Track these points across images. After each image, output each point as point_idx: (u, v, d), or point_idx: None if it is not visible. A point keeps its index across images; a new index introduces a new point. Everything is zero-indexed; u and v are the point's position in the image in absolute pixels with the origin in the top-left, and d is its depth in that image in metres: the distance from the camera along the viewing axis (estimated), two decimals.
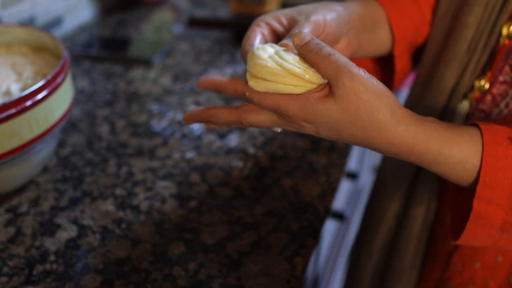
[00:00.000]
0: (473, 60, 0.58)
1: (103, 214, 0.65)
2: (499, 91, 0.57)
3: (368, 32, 0.61)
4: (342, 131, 0.48)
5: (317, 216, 0.65)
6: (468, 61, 0.59)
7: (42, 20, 1.09)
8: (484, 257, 0.62)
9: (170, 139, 0.79)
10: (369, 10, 0.61)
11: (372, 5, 0.62)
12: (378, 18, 0.62)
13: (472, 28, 0.58)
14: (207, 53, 1.08)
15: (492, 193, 0.46)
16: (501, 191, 0.46)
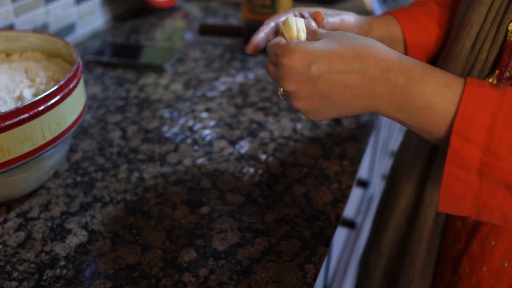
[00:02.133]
0: (480, 59, 0.59)
1: (113, 220, 0.65)
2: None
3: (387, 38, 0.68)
4: (332, 54, 0.48)
5: (328, 223, 0.65)
6: (475, 59, 0.59)
7: (55, 27, 1.10)
8: (490, 261, 0.62)
9: (181, 145, 0.79)
10: (388, 28, 0.67)
11: (391, 23, 0.68)
12: (395, 34, 0.68)
13: (476, 26, 0.58)
14: (218, 60, 1.08)
15: (470, 128, 0.45)
16: (479, 128, 0.45)
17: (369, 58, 0.48)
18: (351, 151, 0.78)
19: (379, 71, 0.48)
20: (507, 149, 0.45)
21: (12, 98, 0.67)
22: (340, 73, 0.48)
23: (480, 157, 0.46)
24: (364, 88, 0.49)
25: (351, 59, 0.48)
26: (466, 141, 0.46)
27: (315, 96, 0.50)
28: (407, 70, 0.48)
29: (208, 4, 1.42)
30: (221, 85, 0.97)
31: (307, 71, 0.48)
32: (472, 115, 0.45)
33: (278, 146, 0.79)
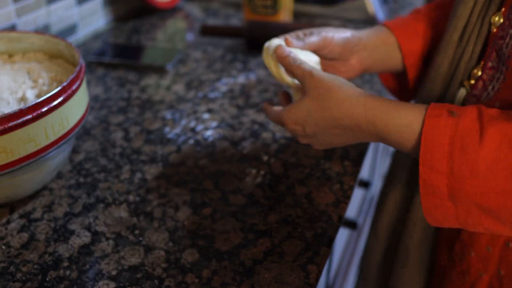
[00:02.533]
0: (467, 50, 0.64)
1: (116, 221, 0.65)
2: (488, 77, 0.61)
3: (380, 52, 0.74)
4: (315, 119, 0.61)
5: (330, 224, 0.65)
6: (462, 51, 0.64)
7: (57, 27, 1.10)
8: (478, 247, 0.65)
9: (184, 146, 0.79)
10: (381, 36, 0.74)
11: (384, 32, 0.75)
12: (389, 41, 0.74)
13: (463, 19, 0.64)
14: (219, 61, 1.08)
15: (432, 158, 0.51)
16: (440, 157, 0.50)
17: (342, 118, 0.59)
18: (353, 152, 0.78)
19: (353, 125, 0.59)
20: (467, 172, 0.49)
21: (15, 99, 0.67)
22: (328, 129, 0.61)
23: (447, 183, 0.51)
24: (350, 135, 0.61)
25: (330, 121, 0.60)
26: (432, 170, 0.51)
27: (323, 142, 0.64)
28: (373, 121, 0.57)
29: (209, 5, 1.42)
30: (222, 86, 0.98)
31: (304, 133, 0.63)
32: (432, 146, 0.51)
33: (280, 147, 0.79)
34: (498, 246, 0.64)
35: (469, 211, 0.51)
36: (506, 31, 0.59)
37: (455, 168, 0.50)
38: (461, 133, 0.50)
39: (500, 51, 0.60)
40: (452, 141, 0.50)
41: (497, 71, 0.61)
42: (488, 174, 0.49)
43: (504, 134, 0.49)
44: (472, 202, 0.51)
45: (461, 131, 0.50)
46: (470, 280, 0.68)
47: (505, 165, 0.48)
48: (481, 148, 0.49)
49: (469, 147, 0.49)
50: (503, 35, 0.59)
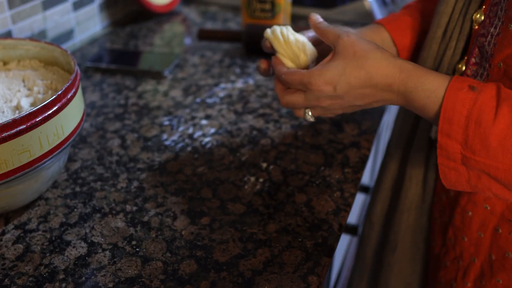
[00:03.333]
0: (450, 46, 0.67)
1: (113, 231, 0.64)
2: (472, 72, 0.64)
3: None
4: (349, 77, 0.61)
5: (331, 233, 0.64)
6: (446, 46, 0.68)
7: (53, 33, 1.09)
8: (469, 232, 0.68)
9: (181, 154, 0.78)
10: (375, 32, 0.76)
11: (378, 29, 0.77)
12: (384, 37, 0.77)
13: (445, 16, 0.67)
14: (217, 65, 1.07)
15: (450, 127, 0.54)
16: (457, 127, 0.54)
17: (376, 76, 0.60)
18: (353, 158, 0.77)
19: (385, 85, 0.60)
20: (479, 145, 0.53)
21: (9, 107, 0.66)
22: (358, 88, 0.61)
23: (461, 151, 0.55)
24: (377, 96, 0.62)
25: (363, 78, 0.61)
26: (449, 137, 0.55)
27: (346, 105, 0.64)
28: (405, 82, 0.59)
29: (207, 8, 1.41)
30: (220, 91, 0.96)
31: (335, 92, 0.62)
32: (451, 116, 0.54)
33: (279, 153, 0.78)
34: (488, 231, 0.66)
35: (480, 177, 0.55)
36: (487, 29, 0.61)
37: (469, 140, 0.53)
38: (478, 108, 0.53)
39: (482, 48, 0.62)
40: (469, 114, 0.53)
41: (480, 67, 0.63)
42: (498, 149, 0.52)
43: None
44: (482, 171, 0.54)
45: (479, 107, 0.53)
46: (464, 265, 0.70)
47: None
48: (494, 124, 0.52)
49: (483, 122, 0.52)
50: (484, 33, 0.62)
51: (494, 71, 0.61)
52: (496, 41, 0.60)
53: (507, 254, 0.65)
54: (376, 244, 0.88)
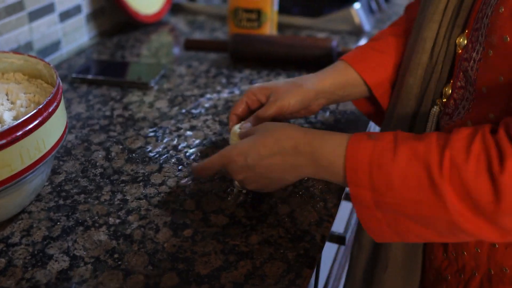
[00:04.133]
0: (437, 70, 0.68)
1: (95, 244, 0.64)
2: (458, 95, 0.65)
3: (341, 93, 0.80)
4: (259, 146, 0.64)
5: (313, 244, 0.64)
6: (432, 70, 0.69)
7: (40, 45, 1.09)
8: (468, 248, 0.67)
9: (165, 165, 0.78)
10: (341, 77, 0.79)
11: (344, 70, 0.80)
12: (352, 78, 0.79)
13: (429, 41, 0.68)
14: (204, 76, 1.08)
15: (356, 176, 0.56)
16: (362, 174, 0.56)
17: (283, 140, 0.63)
18: None
19: (291, 147, 0.62)
20: (384, 187, 0.55)
21: None
22: (267, 157, 0.63)
23: (371, 197, 0.56)
24: (286, 162, 0.63)
25: (271, 145, 0.63)
26: (357, 186, 0.57)
27: (258, 178, 0.65)
28: (310, 142, 0.61)
29: (194, 18, 1.42)
30: (206, 101, 0.97)
31: (246, 163, 0.64)
32: (355, 165, 0.57)
33: None
34: (485, 246, 0.65)
35: (396, 219, 0.56)
36: (470, 54, 0.61)
37: (375, 184, 0.55)
38: (378, 153, 0.56)
39: (466, 72, 0.62)
40: (370, 160, 0.56)
41: (466, 91, 0.63)
42: (401, 186, 0.54)
43: (413, 151, 0.54)
44: (395, 211, 0.56)
45: (378, 151, 0.56)
46: (465, 279, 0.69)
47: (415, 177, 0.53)
48: (394, 164, 0.54)
49: (384, 164, 0.55)
50: (467, 58, 0.62)
51: (479, 95, 0.61)
52: (478, 66, 0.60)
53: (504, 269, 0.65)
54: (366, 264, 0.86)
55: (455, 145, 0.53)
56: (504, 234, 0.53)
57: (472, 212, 0.52)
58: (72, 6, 1.17)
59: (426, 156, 0.53)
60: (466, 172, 0.51)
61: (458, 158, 0.52)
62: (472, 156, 0.51)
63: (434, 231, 0.56)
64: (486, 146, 0.51)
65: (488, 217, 0.52)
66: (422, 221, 0.55)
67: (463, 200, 0.52)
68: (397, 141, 0.56)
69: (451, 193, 0.52)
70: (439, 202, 0.52)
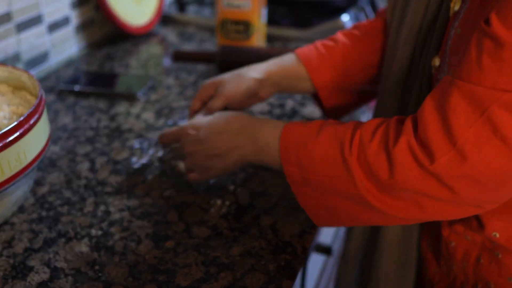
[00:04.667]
0: (415, 90, 0.69)
1: (77, 256, 0.64)
2: None
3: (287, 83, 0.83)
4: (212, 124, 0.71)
5: (294, 255, 0.64)
6: (410, 89, 0.70)
7: (28, 56, 1.09)
8: (456, 262, 0.68)
9: (150, 177, 0.78)
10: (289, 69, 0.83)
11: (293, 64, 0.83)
12: (299, 73, 0.83)
13: (406, 60, 0.69)
14: (191, 87, 1.08)
15: (287, 155, 0.62)
16: (291, 153, 0.62)
17: (231, 121, 0.70)
18: None
19: (237, 128, 0.69)
20: (308, 163, 0.60)
21: None
22: (216, 134, 0.69)
23: (299, 173, 0.61)
24: (231, 142, 0.69)
25: (222, 124, 0.70)
26: (287, 164, 0.62)
27: (205, 154, 0.70)
28: (253, 124, 0.68)
29: (184, 29, 1.42)
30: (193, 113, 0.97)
31: (197, 137, 0.71)
32: (287, 144, 0.62)
33: (248, 175, 0.79)
34: (471, 261, 0.66)
35: (323, 195, 0.61)
36: (440, 74, 0.62)
37: (301, 161, 0.61)
38: (305, 134, 0.62)
39: None
40: (299, 140, 0.62)
41: None
42: (321, 163, 0.59)
43: (334, 130, 0.60)
44: (319, 187, 0.61)
45: (306, 132, 0.62)
46: None
47: (332, 154, 0.59)
48: (316, 142, 0.60)
49: (308, 142, 0.61)
50: (439, 79, 0.63)
51: None
52: None
53: (488, 284, 0.65)
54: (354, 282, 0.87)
55: (365, 127, 0.58)
56: (410, 209, 0.57)
57: (376, 188, 0.57)
58: (60, 17, 1.18)
59: (342, 135, 0.59)
60: (369, 149, 0.56)
61: (365, 138, 0.57)
62: (376, 136, 0.57)
63: (355, 207, 0.60)
64: (387, 128, 0.57)
65: (390, 192, 0.56)
66: (341, 196, 0.59)
67: (368, 177, 0.57)
68: (324, 124, 0.62)
69: (358, 170, 0.57)
70: (350, 177, 0.57)
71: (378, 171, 0.56)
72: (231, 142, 0.68)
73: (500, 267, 0.64)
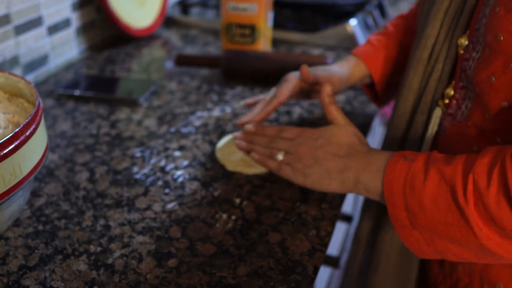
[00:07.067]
0: (437, 69, 0.68)
1: (74, 275, 0.61)
2: (461, 95, 0.65)
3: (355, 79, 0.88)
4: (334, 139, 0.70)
5: (305, 276, 0.61)
6: (432, 69, 0.69)
7: (26, 59, 1.06)
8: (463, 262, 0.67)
9: (152, 188, 0.75)
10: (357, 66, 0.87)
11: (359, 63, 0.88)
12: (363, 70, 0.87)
13: (431, 38, 0.68)
14: (195, 92, 1.04)
15: (392, 197, 0.59)
16: (397, 195, 0.58)
17: (342, 137, 0.69)
18: (331, 194, 0.74)
19: (348, 143, 0.68)
20: (417, 208, 0.57)
21: None
22: (338, 145, 0.68)
23: (407, 216, 0.58)
24: (345, 161, 0.66)
25: (333, 141, 0.69)
26: (394, 207, 0.59)
27: (313, 154, 0.69)
28: (365, 144, 0.69)
29: (188, 32, 1.39)
30: (196, 120, 0.94)
31: (316, 143, 0.69)
32: (391, 187, 0.59)
33: (253, 188, 0.75)
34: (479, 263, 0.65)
35: (432, 239, 0.58)
36: (470, 53, 0.62)
37: (409, 205, 0.58)
38: (411, 174, 0.58)
39: (466, 72, 0.63)
40: (404, 181, 0.58)
41: (468, 90, 0.64)
42: (432, 208, 0.56)
43: (441, 174, 0.56)
44: (430, 231, 0.57)
45: (411, 173, 0.58)
46: None
47: (443, 200, 0.55)
48: (424, 186, 0.56)
49: (416, 186, 0.57)
50: (467, 57, 0.63)
51: (476, 95, 0.61)
52: (476, 65, 0.61)
53: (498, 286, 0.64)
54: (361, 263, 0.87)
55: (477, 170, 0.53)
56: None
57: (500, 236, 0.53)
58: (61, 19, 1.14)
59: (452, 179, 0.54)
60: (488, 198, 0.52)
61: (480, 183, 0.52)
62: (493, 182, 0.52)
63: (469, 252, 0.56)
64: (504, 169, 0.51)
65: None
66: (456, 243, 0.56)
67: (488, 225, 0.52)
68: (429, 163, 0.57)
69: (477, 218, 0.53)
70: (466, 225, 0.53)
71: (503, 221, 0.51)
72: (344, 162, 0.66)
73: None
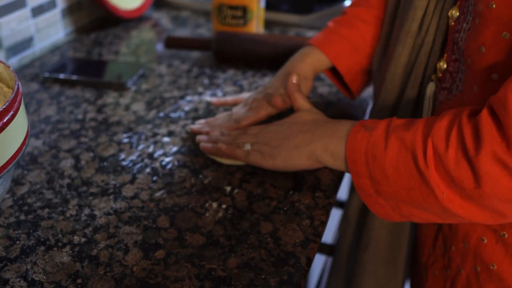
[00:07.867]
0: (427, 41, 0.67)
1: (57, 267, 0.58)
2: (454, 68, 0.64)
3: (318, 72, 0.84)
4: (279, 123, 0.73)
5: (298, 268, 0.58)
6: (422, 41, 0.67)
7: (10, 42, 1.02)
8: (457, 240, 0.67)
9: (139, 176, 0.72)
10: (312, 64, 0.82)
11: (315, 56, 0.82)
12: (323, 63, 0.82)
13: (420, 10, 0.66)
14: (185, 76, 1.01)
15: (356, 166, 0.60)
16: (360, 164, 0.59)
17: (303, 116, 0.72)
18: (325, 181, 0.71)
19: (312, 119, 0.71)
20: (380, 175, 0.57)
21: None
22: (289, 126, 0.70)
23: (371, 185, 0.59)
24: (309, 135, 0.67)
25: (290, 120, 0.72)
26: (358, 176, 0.60)
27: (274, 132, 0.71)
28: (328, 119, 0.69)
29: (178, 13, 1.35)
30: (186, 104, 0.90)
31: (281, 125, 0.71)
32: (354, 156, 0.60)
33: (245, 175, 0.72)
34: (472, 241, 0.65)
35: (398, 205, 0.58)
36: (461, 25, 0.61)
37: (372, 173, 0.58)
38: (372, 143, 0.58)
39: (457, 44, 0.62)
40: (366, 150, 0.59)
41: (461, 63, 0.62)
42: (394, 175, 0.56)
43: (401, 140, 0.56)
44: (394, 198, 0.58)
45: (372, 142, 0.58)
46: (451, 275, 0.69)
47: (405, 166, 0.55)
48: (386, 154, 0.57)
49: (377, 154, 0.57)
50: (459, 29, 0.62)
51: (467, 67, 0.60)
52: (467, 36, 0.60)
53: (492, 266, 0.63)
54: (351, 241, 0.87)
55: (436, 133, 0.54)
56: (496, 216, 0.53)
57: (461, 197, 0.53)
58: (46, 0, 1.10)
59: (412, 145, 0.55)
60: (447, 159, 0.52)
61: (439, 147, 0.53)
62: (451, 144, 0.52)
63: (433, 215, 0.57)
64: (461, 131, 0.52)
65: (476, 201, 0.52)
66: (419, 207, 0.57)
67: (449, 186, 0.53)
68: (389, 131, 0.58)
69: (438, 181, 0.53)
70: (428, 189, 0.54)
71: (462, 181, 0.52)
72: (309, 136, 0.67)
73: (506, 248, 0.62)
